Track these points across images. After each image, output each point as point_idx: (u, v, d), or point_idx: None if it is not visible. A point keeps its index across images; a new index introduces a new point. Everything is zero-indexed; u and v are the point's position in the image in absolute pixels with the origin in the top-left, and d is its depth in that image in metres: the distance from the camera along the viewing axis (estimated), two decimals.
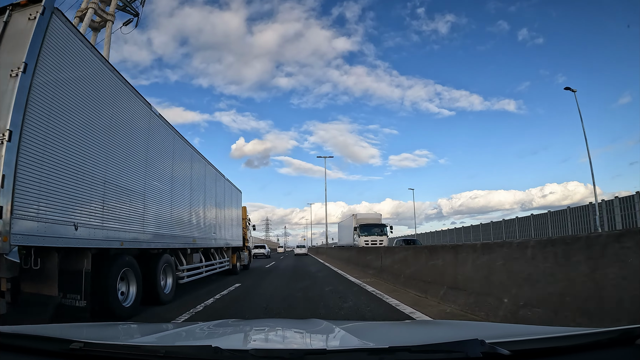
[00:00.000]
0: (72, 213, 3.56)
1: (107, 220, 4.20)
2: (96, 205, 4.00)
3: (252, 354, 1.01)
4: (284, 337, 1.71)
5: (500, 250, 4.11)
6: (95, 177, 3.99)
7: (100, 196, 4.09)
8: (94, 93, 4.04)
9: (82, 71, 3.83)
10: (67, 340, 1.14)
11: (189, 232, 7.15)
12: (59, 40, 3.45)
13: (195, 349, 1.21)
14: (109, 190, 4.27)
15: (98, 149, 4.05)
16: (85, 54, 3.88)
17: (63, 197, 3.44)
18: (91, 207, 3.90)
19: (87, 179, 3.83)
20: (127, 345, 1.22)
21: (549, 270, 3.27)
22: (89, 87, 3.95)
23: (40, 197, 3.14)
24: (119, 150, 4.51)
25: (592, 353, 1.07)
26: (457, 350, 0.99)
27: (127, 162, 4.75)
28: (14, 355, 1.18)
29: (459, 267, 4.91)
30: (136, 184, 5.00)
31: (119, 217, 4.47)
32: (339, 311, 4.87)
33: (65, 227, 3.45)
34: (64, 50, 3.52)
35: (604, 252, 2.76)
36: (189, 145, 7.42)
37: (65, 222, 3.45)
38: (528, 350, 1.05)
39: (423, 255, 6.33)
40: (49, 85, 3.29)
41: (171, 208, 6.24)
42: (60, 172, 3.41)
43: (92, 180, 3.93)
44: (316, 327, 1.83)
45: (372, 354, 1.03)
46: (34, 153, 3.08)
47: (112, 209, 4.32)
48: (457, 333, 1.65)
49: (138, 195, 5.04)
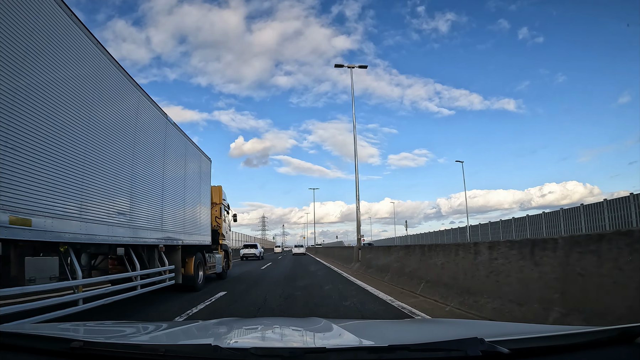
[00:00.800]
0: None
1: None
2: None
3: (252, 352, 1.01)
4: (284, 336, 1.71)
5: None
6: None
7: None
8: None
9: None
10: (67, 340, 1.15)
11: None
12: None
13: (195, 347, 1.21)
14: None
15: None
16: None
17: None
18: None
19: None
20: (127, 344, 1.22)
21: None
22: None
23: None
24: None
25: (591, 352, 1.07)
26: (456, 349, 0.99)
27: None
28: (14, 354, 1.18)
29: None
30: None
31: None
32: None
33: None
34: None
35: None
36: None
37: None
38: (527, 348, 1.05)
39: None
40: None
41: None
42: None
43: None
44: (316, 326, 1.83)
45: (372, 352, 1.03)
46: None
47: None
48: (457, 332, 1.65)
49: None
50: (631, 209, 18.66)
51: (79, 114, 3.86)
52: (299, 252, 37.85)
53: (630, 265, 2.50)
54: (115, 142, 4.67)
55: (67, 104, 3.66)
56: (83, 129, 3.94)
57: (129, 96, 5.14)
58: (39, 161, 3.25)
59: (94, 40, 4.19)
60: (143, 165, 5.45)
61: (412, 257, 7.18)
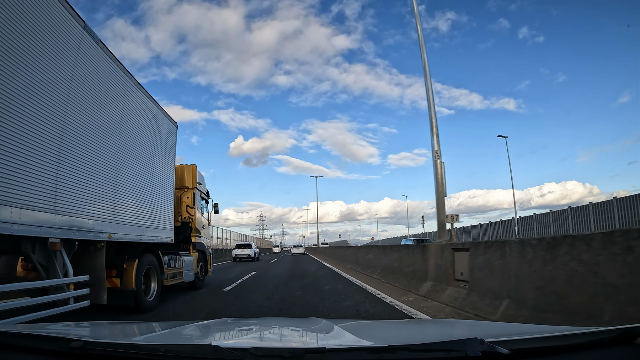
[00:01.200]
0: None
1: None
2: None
3: (251, 352, 1.01)
4: (284, 336, 1.71)
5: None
6: None
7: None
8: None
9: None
10: (67, 339, 1.15)
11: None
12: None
13: (195, 347, 1.21)
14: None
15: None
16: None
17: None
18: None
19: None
20: (127, 344, 1.22)
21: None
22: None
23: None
24: None
25: (591, 352, 1.07)
26: (456, 349, 0.99)
27: None
28: (14, 354, 1.18)
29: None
30: None
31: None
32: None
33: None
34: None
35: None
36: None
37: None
38: (527, 349, 1.05)
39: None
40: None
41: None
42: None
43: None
44: (315, 326, 1.83)
45: (372, 352, 1.03)
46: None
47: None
48: (457, 332, 1.65)
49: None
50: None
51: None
52: (297, 252, 38.01)
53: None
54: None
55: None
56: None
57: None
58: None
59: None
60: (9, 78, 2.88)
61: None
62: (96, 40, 4.15)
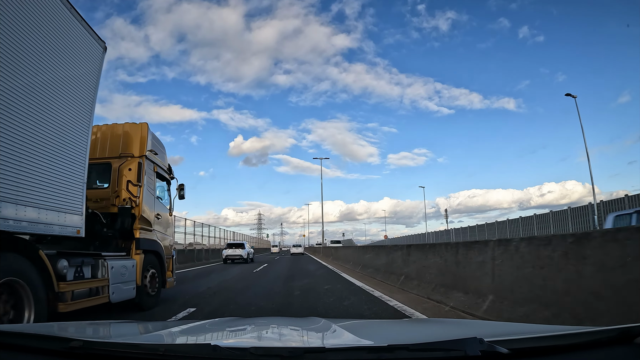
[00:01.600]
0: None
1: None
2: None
3: (251, 352, 1.01)
4: (283, 335, 1.71)
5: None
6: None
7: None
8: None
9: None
10: (66, 339, 1.14)
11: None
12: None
13: (194, 347, 1.22)
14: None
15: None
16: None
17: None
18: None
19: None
20: (127, 344, 1.22)
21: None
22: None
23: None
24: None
25: (590, 352, 1.07)
26: (455, 349, 0.99)
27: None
28: (14, 354, 1.18)
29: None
30: None
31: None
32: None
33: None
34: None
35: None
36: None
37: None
38: (527, 348, 1.05)
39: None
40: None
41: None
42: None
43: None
44: (315, 325, 1.83)
45: (371, 352, 1.03)
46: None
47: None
48: (456, 331, 1.65)
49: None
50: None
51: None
52: (296, 252, 38.20)
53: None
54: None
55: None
56: None
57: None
58: None
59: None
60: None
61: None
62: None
